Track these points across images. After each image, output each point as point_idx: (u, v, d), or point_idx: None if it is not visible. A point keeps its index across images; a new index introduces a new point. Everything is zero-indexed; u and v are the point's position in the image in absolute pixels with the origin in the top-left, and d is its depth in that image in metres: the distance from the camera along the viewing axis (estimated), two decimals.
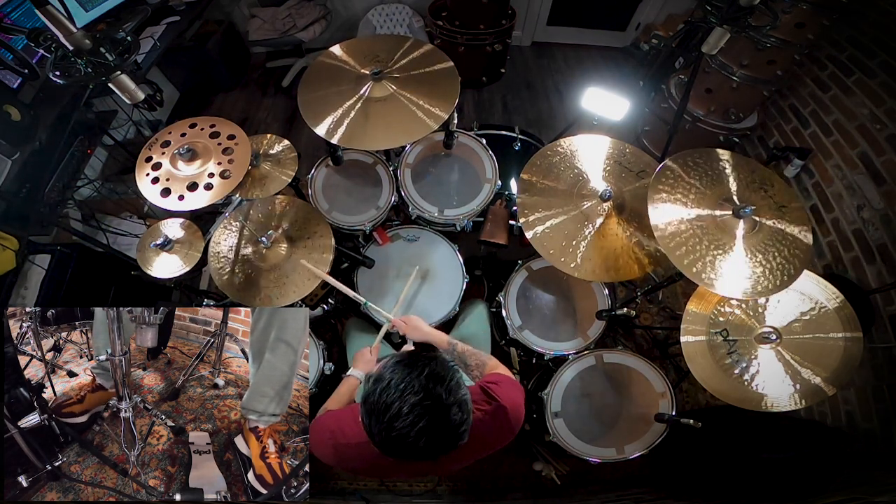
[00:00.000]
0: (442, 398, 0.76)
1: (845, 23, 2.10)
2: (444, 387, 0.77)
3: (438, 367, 0.81)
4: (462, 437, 0.79)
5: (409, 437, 0.74)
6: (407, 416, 0.74)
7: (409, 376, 0.78)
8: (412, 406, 0.74)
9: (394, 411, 0.75)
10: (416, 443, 0.74)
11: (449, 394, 0.77)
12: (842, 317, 1.22)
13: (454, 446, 0.79)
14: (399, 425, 0.74)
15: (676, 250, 1.10)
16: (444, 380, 0.78)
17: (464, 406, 0.79)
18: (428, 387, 0.76)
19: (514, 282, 1.65)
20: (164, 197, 1.26)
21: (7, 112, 1.62)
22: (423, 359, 0.82)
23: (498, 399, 0.96)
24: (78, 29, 0.93)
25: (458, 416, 0.77)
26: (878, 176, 1.91)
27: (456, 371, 0.83)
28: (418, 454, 0.77)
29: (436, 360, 0.83)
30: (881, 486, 1.37)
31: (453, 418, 0.76)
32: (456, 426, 0.77)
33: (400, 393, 0.76)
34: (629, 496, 1.80)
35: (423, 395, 0.75)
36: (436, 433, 0.75)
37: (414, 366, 0.80)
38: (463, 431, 0.79)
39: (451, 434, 0.77)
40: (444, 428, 0.76)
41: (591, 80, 1.95)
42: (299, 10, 3.18)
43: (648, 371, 1.44)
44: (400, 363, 0.81)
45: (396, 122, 1.34)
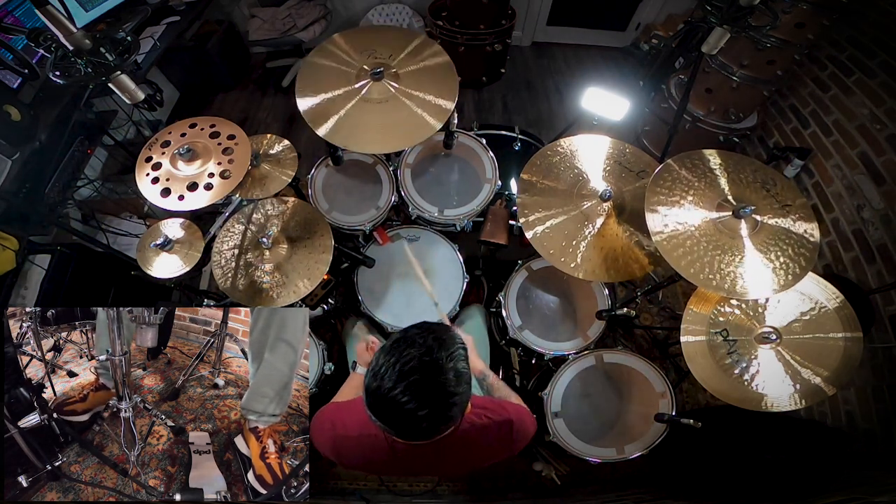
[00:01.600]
0: (440, 360, 0.74)
1: (845, 23, 2.10)
2: (447, 352, 0.76)
3: (446, 335, 0.79)
4: (451, 409, 0.75)
5: (395, 389, 0.71)
6: (401, 368, 0.72)
7: (417, 335, 0.77)
8: (409, 358, 0.73)
9: (390, 362, 0.73)
10: (401, 398, 0.71)
11: (450, 359, 0.75)
12: (842, 317, 1.22)
13: (441, 417, 0.75)
14: (390, 377, 0.72)
15: (674, 252, 1.10)
16: (448, 347, 0.77)
17: (461, 378, 0.76)
18: (430, 345, 0.75)
19: (514, 282, 1.65)
20: (164, 197, 1.26)
21: (7, 112, 1.62)
22: (435, 325, 0.81)
23: (507, 412, 0.97)
24: (78, 29, 0.93)
25: (452, 384, 0.74)
26: (878, 176, 1.91)
27: (462, 348, 0.80)
28: (401, 416, 0.73)
29: (448, 329, 0.82)
30: (881, 486, 1.36)
31: (447, 383, 0.74)
32: (448, 394, 0.74)
33: (404, 347, 0.75)
34: (629, 496, 1.80)
35: (423, 352, 0.74)
36: (424, 393, 0.72)
37: (424, 329, 0.79)
38: (453, 404, 0.75)
39: (441, 400, 0.74)
40: (434, 389, 0.73)
41: (591, 80, 1.95)
42: (299, 10, 3.18)
43: (648, 371, 1.44)
44: (414, 326, 0.81)
45: (397, 123, 1.34)
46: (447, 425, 0.78)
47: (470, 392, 0.80)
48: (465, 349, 0.81)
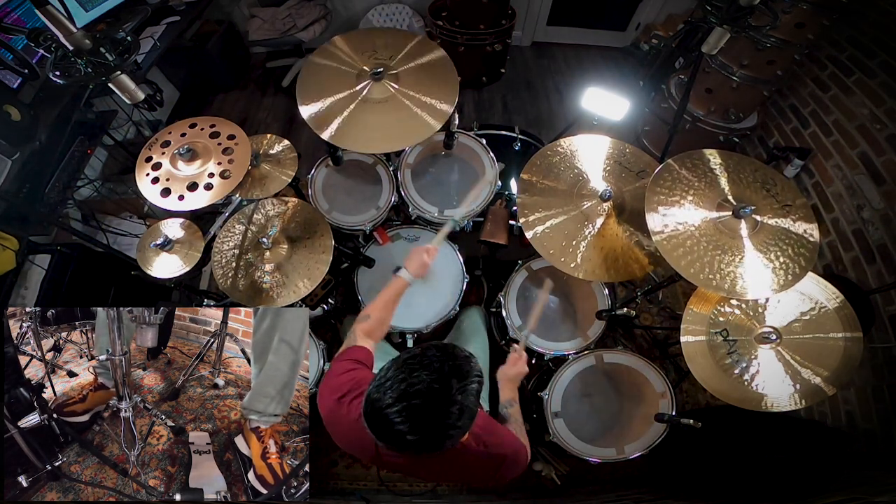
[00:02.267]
0: (451, 390, 0.71)
1: (845, 23, 2.10)
2: (460, 384, 0.72)
3: (466, 365, 0.75)
4: (442, 441, 0.72)
5: (391, 407, 0.69)
6: (406, 389, 0.69)
7: (436, 358, 0.74)
8: (419, 381, 0.70)
9: (398, 378, 0.71)
10: (394, 420, 0.69)
11: (460, 392, 0.71)
12: (842, 317, 1.22)
13: (429, 447, 0.72)
14: (390, 394, 0.70)
15: (674, 252, 1.10)
16: (463, 377, 0.73)
17: (464, 412, 0.72)
18: (445, 374, 0.71)
19: (514, 282, 1.65)
20: (164, 197, 1.26)
21: (7, 112, 1.62)
22: (458, 351, 0.77)
23: (504, 450, 0.93)
24: (78, 29, 0.93)
25: (454, 417, 0.71)
26: (878, 176, 1.91)
27: (479, 383, 0.77)
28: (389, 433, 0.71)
29: (468, 359, 0.77)
30: (881, 486, 1.36)
31: (449, 416, 0.71)
32: (446, 426, 0.71)
33: (419, 368, 0.72)
34: (629, 496, 1.80)
35: (435, 378, 0.71)
36: (421, 421, 0.70)
37: (445, 353, 0.76)
38: (448, 437, 0.72)
39: (436, 431, 0.71)
40: (432, 420, 0.70)
41: (591, 80, 1.94)
42: (299, 10, 3.18)
43: (648, 371, 1.44)
44: (435, 346, 0.77)
45: (397, 123, 1.34)
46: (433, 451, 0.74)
47: (470, 426, 0.76)
48: (481, 383, 0.77)
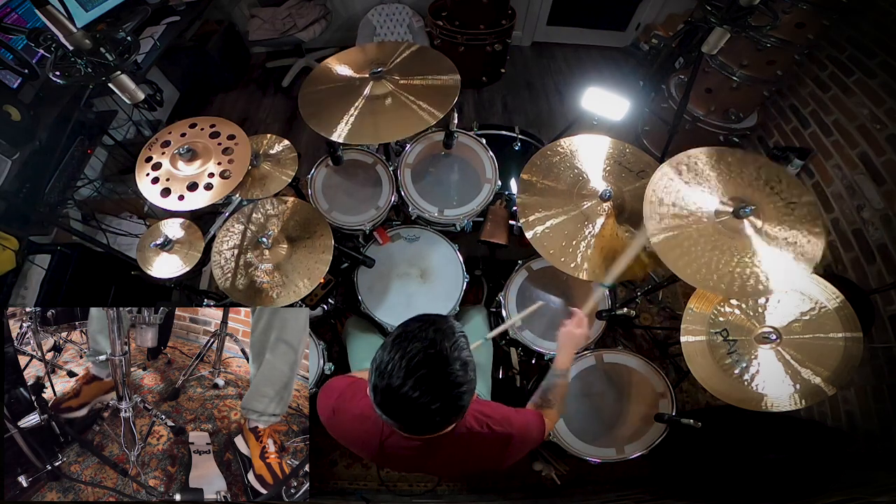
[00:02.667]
0: (445, 351, 0.74)
1: (845, 23, 2.10)
2: (450, 343, 0.76)
3: (446, 325, 0.79)
4: (461, 398, 0.76)
5: (405, 385, 0.72)
6: (408, 364, 0.72)
7: (418, 328, 0.77)
8: (414, 354, 0.73)
9: (395, 359, 0.73)
10: (412, 393, 0.72)
11: (454, 349, 0.75)
12: (842, 317, 1.22)
13: (452, 408, 0.76)
14: (398, 374, 0.72)
15: (679, 260, 1.10)
16: (449, 337, 0.77)
17: (467, 366, 0.77)
18: (433, 338, 0.75)
19: (514, 282, 1.65)
20: (164, 197, 1.26)
21: (7, 112, 1.62)
22: (433, 316, 0.82)
23: (511, 428, 0.95)
24: (78, 29, 0.93)
25: (459, 374, 0.75)
26: (878, 176, 1.91)
27: (463, 337, 0.80)
28: (414, 410, 0.73)
29: (445, 319, 0.81)
30: (881, 486, 1.36)
31: (454, 373, 0.74)
32: (456, 384, 0.75)
33: (407, 343, 0.75)
34: (629, 496, 1.80)
35: (427, 345, 0.74)
36: (434, 386, 0.73)
37: (424, 321, 0.79)
38: (462, 392, 0.76)
39: (450, 391, 0.75)
40: (443, 381, 0.74)
41: (591, 80, 1.95)
42: (299, 10, 3.18)
43: (648, 371, 1.44)
44: (413, 319, 0.81)
45: (397, 117, 1.34)
46: (458, 416, 0.79)
47: (476, 380, 0.80)
48: (465, 337, 0.81)
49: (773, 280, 1.08)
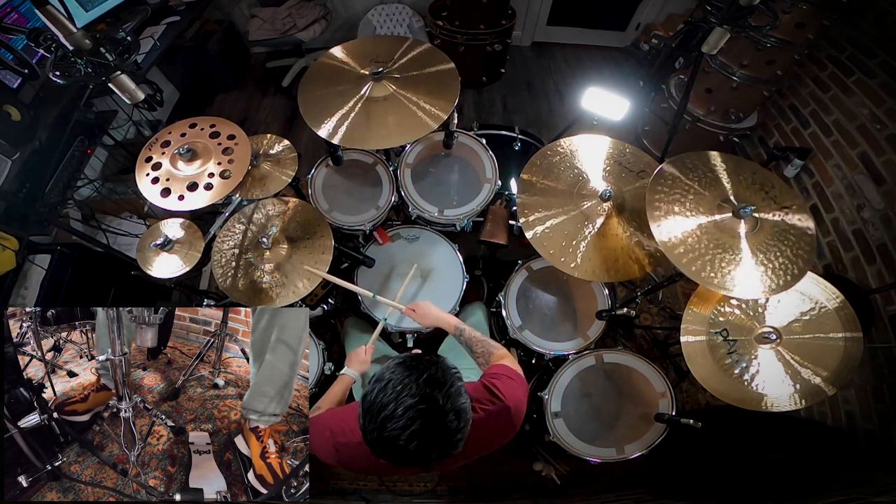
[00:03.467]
0: (438, 403, 0.74)
1: (845, 23, 2.10)
2: (443, 392, 0.75)
3: (439, 372, 0.79)
4: (455, 446, 0.77)
5: (399, 439, 0.72)
6: (400, 418, 0.72)
7: (408, 378, 0.76)
8: (406, 408, 0.73)
9: (388, 412, 0.73)
10: (406, 446, 0.73)
11: (447, 400, 0.75)
12: (842, 317, 1.22)
13: (446, 454, 0.76)
14: (391, 426, 0.72)
15: (676, 250, 1.10)
16: (443, 385, 0.76)
17: (461, 415, 0.76)
18: (425, 391, 0.75)
19: (514, 282, 1.65)
20: (164, 197, 1.26)
21: (7, 112, 1.62)
22: (424, 362, 0.80)
23: (502, 398, 0.95)
24: (78, 29, 0.93)
25: (453, 424, 0.75)
26: (878, 176, 1.91)
27: (457, 378, 0.80)
28: (408, 458, 0.75)
29: (437, 364, 0.81)
30: (881, 486, 1.36)
31: (449, 425, 0.75)
32: (450, 433, 0.75)
33: (396, 394, 0.74)
34: (629, 496, 1.80)
35: (419, 399, 0.74)
36: (428, 438, 0.73)
37: (414, 368, 0.78)
38: (457, 440, 0.76)
39: (445, 441, 0.75)
40: (437, 434, 0.74)
41: (591, 80, 1.95)
42: (299, 10, 3.18)
43: (648, 371, 1.44)
44: (401, 365, 0.80)
45: (397, 121, 1.34)
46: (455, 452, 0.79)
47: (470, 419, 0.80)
48: (460, 380, 0.81)
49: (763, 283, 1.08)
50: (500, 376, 1.00)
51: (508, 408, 0.95)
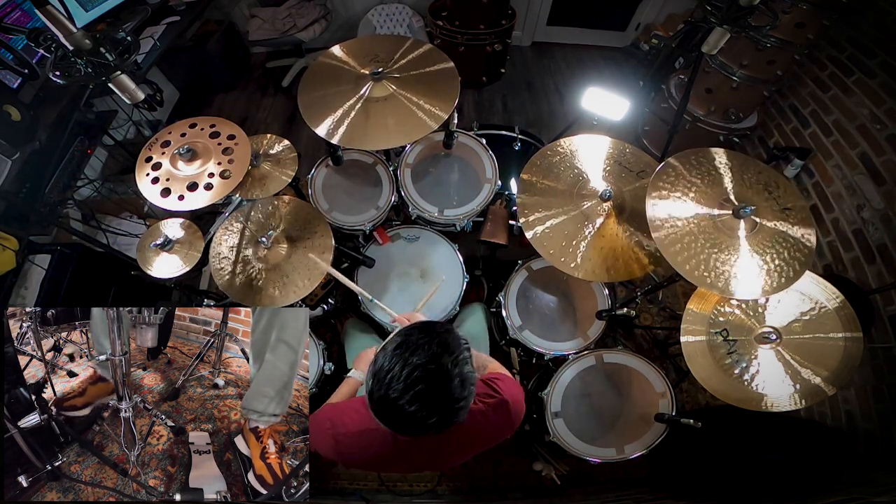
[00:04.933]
0: (446, 367, 0.74)
1: (845, 23, 2.10)
2: (452, 357, 0.76)
3: (451, 338, 0.79)
4: (458, 414, 0.76)
5: (402, 398, 0.72)
6: (407, 378, 0.72)
7: (422, 340, 0.77)
8: (414, 367, 0.73)
9: (395, 371, 0.73)
10: (408, 407, 0.72)
11: (455, 365, 0.75)
12: (842, 317, 1.22)
13: (448, 422, 0.76)
14: (396, 386, 0.72)
15: (672, 247, 1.10)
16: (452, 351, 0.77)
17: (466, 382, 0.77)
18: (435, 352, 0.75)
19: (514, 282, 1.65)
20: (164, 197, 1.26)
21: (7, 112, 1.62)
22: (438, 327, 0.81)
23: (500, 393, 0.96)
24: (78, 29, 0.93)
25: (457, 390, 0.75)
26: (878, 176, 1.91)
27: (467, 349, 0.81)
28: (408, 422, 0.74)
29: (451, 332, 0.81)
30: (881, 486, 1.36)
31: (453, 391, 0.74)
32: (454, 400, 0.75)
33: (409, 354, 0.74)
34: (629, 496, 1.80)
35: (427, 360, 0.74)
36: (431, 402, 0.73)
37: (428, 332, 0.79)
38: (460, 408, 0.76)
39: (447, 407, 0.75)
40: (440, 398, 0.74)
41: (591, 80, 1.95)
42: (299, 10, 3.18)
43: (648, 371, 1.44)
44: (416, 328, 0.80)
45: (396, 122, 1.34)
46: (455, 425, 0.78)
47: (474, 391, 0.80)
48: (468, 350, 0.81)
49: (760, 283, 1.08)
50: (498, 377, 1.01)
51: (507, 401, 0.95)
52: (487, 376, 1.03)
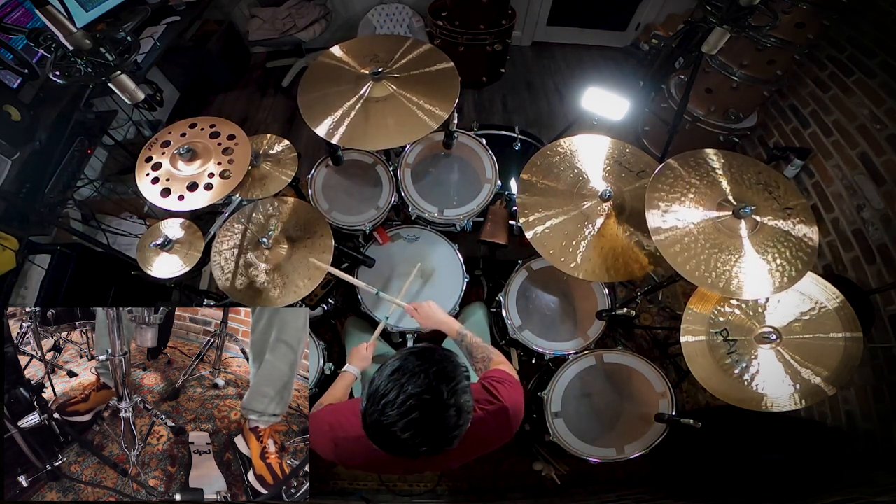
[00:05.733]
0: (442, 396, 0.74)
1: (845, 23, 2.10)
2: (449, 387, 0.75)
3: (450, 366, 0.78)
4: (450, 442, 0.76)
5: (395, 425, 0.72)
6: (401, 405, 0.72)
7: (419, 368, 0.76)
8: (409, 395, 0.73)
9: (390, 397, 0.73)
10: (400, 434, 0.72)
11: (451, 395, 0.75)
12: (842, 317, 1.22)
13: (439, 450, 0.76)
14: (390, 412, 0.72)
15: (671, 248, 1.10)
16: (450, 380, 0.76)
17: (462, 412, 0.76)
18: (432, 382, 0.74)
19: (514, 282, 1.65)
20: (164, 197, 1.26)
21: (7, 112, 1.62)
22: (437, 355, 0.80)
23: (500, 399, 0.96)
24: (78, 29, 0.93)
25: (453, 420, 0.75)
26: (878, 176, 1.91)
27: (465, 377, 0.80)
28: (399, 447, 0.74)
29: (449, 359, 0.80)
30: (881, 486, 1.36)
31: (448, 420, 0.74)
32: (448, 429, 0.75)
33: (403, 382, 0.74)
34: (629, 496, 1.80)
35: (424, 389, 0.73)
36: (424, 430, 0.73)
37: (427, 359, 0.78)
38: (453, 437, 0.76)
39: (441, 436, 0.75)
40: (434, 427, 0.74)
41: (591, 80, 1.95)
42: (299, 10, 3.18)
43: (648, 371, 1.44)
44: (414, 354, 0.80)
45: (396, 122, 1.34)
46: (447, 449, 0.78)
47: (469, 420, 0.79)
48: (468, 377, 0.81)
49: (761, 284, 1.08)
50: (500, 379, 1.01)
51: (506, 408, 0.95)
52: (489, 377, 1.02)
